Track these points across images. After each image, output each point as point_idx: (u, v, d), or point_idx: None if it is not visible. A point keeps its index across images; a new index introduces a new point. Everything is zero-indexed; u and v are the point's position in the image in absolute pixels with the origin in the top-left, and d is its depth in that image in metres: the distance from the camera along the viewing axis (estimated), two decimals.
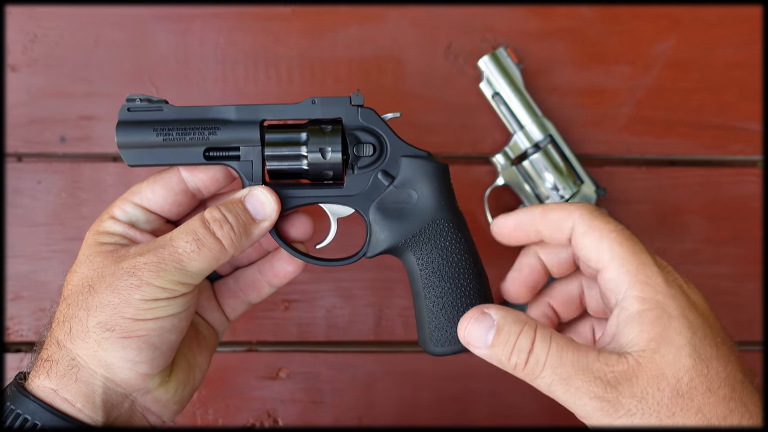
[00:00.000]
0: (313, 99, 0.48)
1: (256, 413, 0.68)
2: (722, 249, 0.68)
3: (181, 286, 0.44)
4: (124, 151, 0.47)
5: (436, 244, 0.47)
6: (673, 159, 0.69)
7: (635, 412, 0.37)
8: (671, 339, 0.38)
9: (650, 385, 0.37)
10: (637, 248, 0.41)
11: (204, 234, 0.45)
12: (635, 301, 0.39)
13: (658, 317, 0.38)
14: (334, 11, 0.67)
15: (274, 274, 0.53)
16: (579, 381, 0.38)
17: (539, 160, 0.64)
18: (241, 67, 0.67)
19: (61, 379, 0.43)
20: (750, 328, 0.68)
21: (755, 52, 0.68)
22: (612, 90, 0.68)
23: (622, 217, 0.68)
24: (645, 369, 0.37)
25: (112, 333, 0.43)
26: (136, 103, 0.47)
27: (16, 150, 0.67)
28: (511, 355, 0.39)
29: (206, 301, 0.53)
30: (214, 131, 0.47)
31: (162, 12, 0.67)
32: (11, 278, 0.67)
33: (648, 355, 0.38)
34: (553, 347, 0.39)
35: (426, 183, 0.47)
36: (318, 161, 0.47)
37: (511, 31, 0.67)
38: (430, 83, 0.67)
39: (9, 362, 0.67)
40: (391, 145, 0.48)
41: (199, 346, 0.51)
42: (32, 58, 0.67)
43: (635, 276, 0.40)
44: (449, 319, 0.47)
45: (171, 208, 0.49)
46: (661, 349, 0.38)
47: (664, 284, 0.39)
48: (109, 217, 0.48)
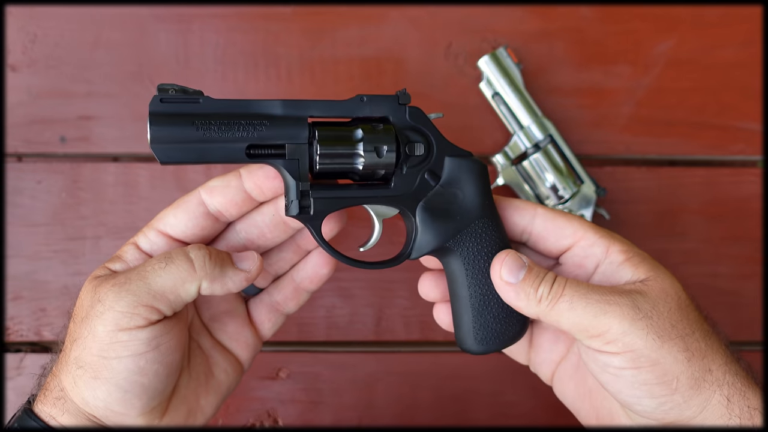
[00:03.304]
0: (361, 96, 0.46)
1: (256, 413, 0.68)
2: (722, 249, 0.68)
3: (143, 309, 0.42)
4: (157, 147, 0.42)
5: (480, 243, 0.47)
6: (673, 159, 0.69)
7: (651, 315, 0.42)
8: (662, 270, 0.45)
9: (659, 297, 0.43)
10: (610, 233, 0.48)
11: (177, 253, 0.44)
12: (620, 253, 0.46)
13: (644, 259, 0.45)
14: (334, 11, 0.68)
15: (309, 280, 0.53)
16: (596, 294, 0.42)
17: (539, 160, 0.64)
18: (241, 67, 0.67)
19: (53, 407, 0.44)
20: (750, 328, 0.68)
21: (755, 52, 0.68)
22: (612, 90, 0.68)
23: (622, 217, 0.68)
24: (650, 287, 0.43)
25: (84, 371, 0.42)
26: (169, 94, 0.43)
27: (16, 150, 0.67)
28: (539, 286, 0.44)
29: (240, 326, 0.52)
30: (261, 127, 0.44)
31: (162, 12, 0.67)
32: (11, 278, 0.67)
33: (651, 280, 0.44)
34: (571, 279, 0.44)
35: (470, 183, 0.47)
36: (373, 160, 0.45)
37: (511, 31, 0.67)
38: (430, 83, 0.67)
39: (9, 362, 0.67)
40: (437, 145, 0.47)
41: (207, 391, 0.50)
42: (32, 58, 0.67)
43: (611, 237, 0.47)
44: (495, 317, 0.47)
45: (195, 232, 0.48)
46: (659, 276, 0.44)
47: (635, 246, 0.47)
48: (131, 244, 0.47)
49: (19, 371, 0.67)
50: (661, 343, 0.41)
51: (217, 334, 0.52)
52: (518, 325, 0.48)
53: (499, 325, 0.47)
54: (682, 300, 0.44)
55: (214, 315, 0.52)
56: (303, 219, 0.46)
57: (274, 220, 0.49)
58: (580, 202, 0.65)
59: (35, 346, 0.68)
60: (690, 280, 0.68)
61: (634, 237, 0.68)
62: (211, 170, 0.67)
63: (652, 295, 0.43)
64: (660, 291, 0.43)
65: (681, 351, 0.42)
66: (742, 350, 0.68)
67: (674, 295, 0.43)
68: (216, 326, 0.52)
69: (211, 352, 0.51)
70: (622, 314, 0.42)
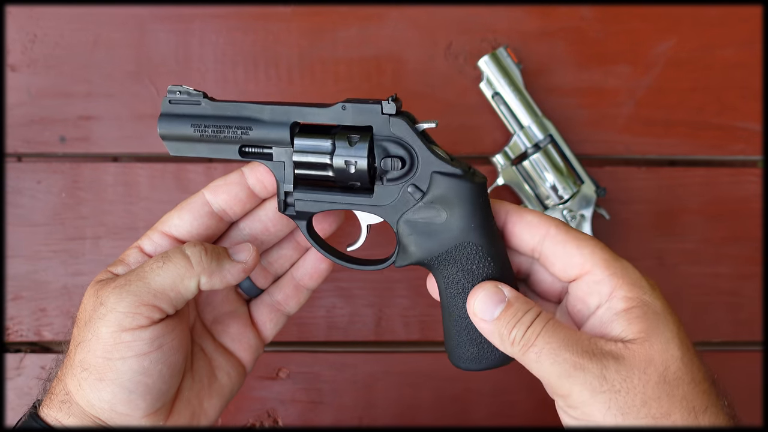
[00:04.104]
0: (344, 104, 0.45)
1: (256, 413, 0.68)
2: (722, 249, 0.68)
3: (144, 308, 0.43)
4: (167, 142, 0.48)
5: (463, 267, 0.44)
6: (673, 159, 0.69)
7: (620, 389, 0.37)
8: (660, 331, 0.39)
9: (637, 367, 0.38)
10: (616, 255, 0.42)
11: (173, 251, 0.45)
12: (622, 300, 0.40)
13: (645, 313, 0.40)
14: (334, 11, 0.67)
15: (309, 276, 0.53)
16: (567, 353, 0.38)
17: (539, 160, 0.64)
18: (241, 67, 0.67)
19: (59, 411, 0.44)
20: (750, 328, 0.68)
21: (755, 52, 0.68)
22: (612, 90, 0.68)
23: (622, 217, 0.68)
24: (634, 353, 0.38)
25: (89, 373, 0.43)
26: (176, 95, 0.47)
27: (16, 150, 0.67)
28: (513, 329, 0.41)
29: (242, 328, 0.52)
30: (247, 131, 0.46)
31: (162, 12, 0.67)
32: (11, 278, 0.67)
33: (638, 343, 0.39)
34: (550, 324, 0.40)
35: (456, 204, 0.44)
36: (344, 174, 0.45)
37: (511, 31, 0.67)
38: (430, 83, 0.67)
39: (9, 362, 0.67)
40: (422, 160, 0.45)
41: (211, 395, 0.50)
42: (32, 58, 0.67)
43: (621, 278, 0.41)
44: (471, 340, 0.45)
45: (200, 233, 0.48)
46: (651, 338, 0.39)
47: (648, 287, 0.41)
48: (135, 247, 0.48)
49: (19, 371, 0.67)
50: (622, 421, 0.37)
51: (220, 337, 0.52)
52: (501, 354, 0.45)
53: (476, 350, 0.45)
54: (669, 373, 0.38)
55: (216, 317, 0.52)
56: (291, 216, 0.48)
57: (278, 212, 0.49)
58: (580, 202, 0.65)
59: (35, 346, 0.68)
60: (690, 280, 0.68)
61: (634, 237, 0.68)
62: (211, 170, 0.68)
63: (630, 363, 0.38)
64: (642, 359, 0.38)
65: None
66: (741, 350, 0.69)
67: (660, 366, 0.38)
68: (219, 328, 0.52)
69: (214, 355, 0.51)
70: (585, 382, 0.38)
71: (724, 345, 0.69)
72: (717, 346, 0.69)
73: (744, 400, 0.68)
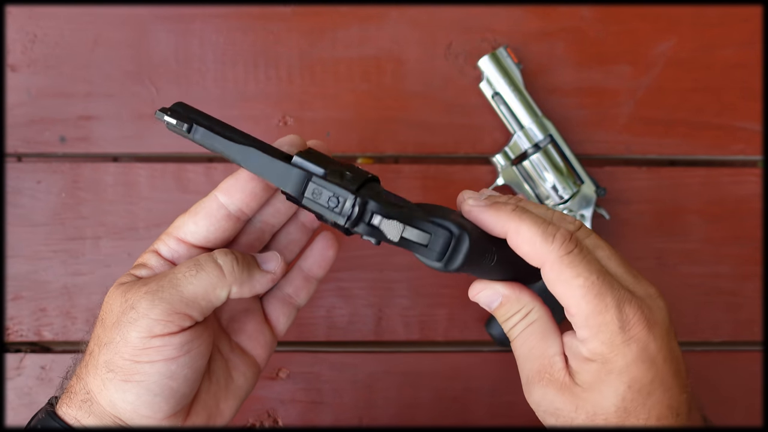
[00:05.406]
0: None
1: (256, 413, 0.68)
2: (722, 249, 0.68)
3: (176, 316, 0.43)
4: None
5: None
6: (673, 159, 0.69)
7: (566, 417, 0.42)
8: (602, 389, 0.41)
9: (579, 406, 0.42)
10: (602, 306, 0.41)
11: (205, 260, 0.44)
12: (588, 352, 0.42)
13: (598, 371, 0.41)
14: (334, 11, 0.68)
15: (318, 264, 0.53)
16: (528, 363, 0.45)
17: (539, 160, 0.64)
18: (241, 67, 0.67)
19: (78, 410, 0.44)
20: (750, 328, 0.68)
21: (755, 52, 0.68)
22: (612, 90, 0.68)
23: (622, 217, 0.68)
24: (577, 395, 0.42)
25: (115, 374, 0.43)
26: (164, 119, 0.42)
27: (16, 150, 0.67)
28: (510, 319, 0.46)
29: (258, 324, 0.52)
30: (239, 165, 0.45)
31: (162, 12, 0.67)
32: (11, 278, 0.67)
33: (583, 388, 0.42)
34: (528, 330, 0.45)
35: None
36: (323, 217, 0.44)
37: (511, 31, 0.67)
38: (430, 83, 0.67)
39: (9, 362, 0.67)
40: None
41: (227, 396, 0.50)
42: (32, 58, 0.67)
43: (596, 334, 0.41)
44: None
45: (217, 237, 0.47)
46: (593, 389, 0.41)
47: (621, 344, 0.41)
48: (152, 251, 0.47)
49: (19, 371, 0.67)
50: None
51: (236, 335, 0.52)
52: None
53: None
54: (601, 421, 0.41)
55: (232, 315, 0.52)
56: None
57: None
58: (580, 202, 0.65)
59: (35, 346, 0.68)
60: (690, 280, 0.68)
61: (634, 237, 0.68)
62: (211, 170, 0.68)
63: (572, 401, 0.42)
64: (583, 400, 0.42)
65: None
66: (741, 350, 0.69)
67: (595, 418, 0.41)
68: (235, 327, 0.52)
69: (230, 356, 0.51)
70: (539, 397, 0.44)
71: (724, 345, 0.69)
72: (717, 346, 0.69)
73: (744, 401, 0.68)
